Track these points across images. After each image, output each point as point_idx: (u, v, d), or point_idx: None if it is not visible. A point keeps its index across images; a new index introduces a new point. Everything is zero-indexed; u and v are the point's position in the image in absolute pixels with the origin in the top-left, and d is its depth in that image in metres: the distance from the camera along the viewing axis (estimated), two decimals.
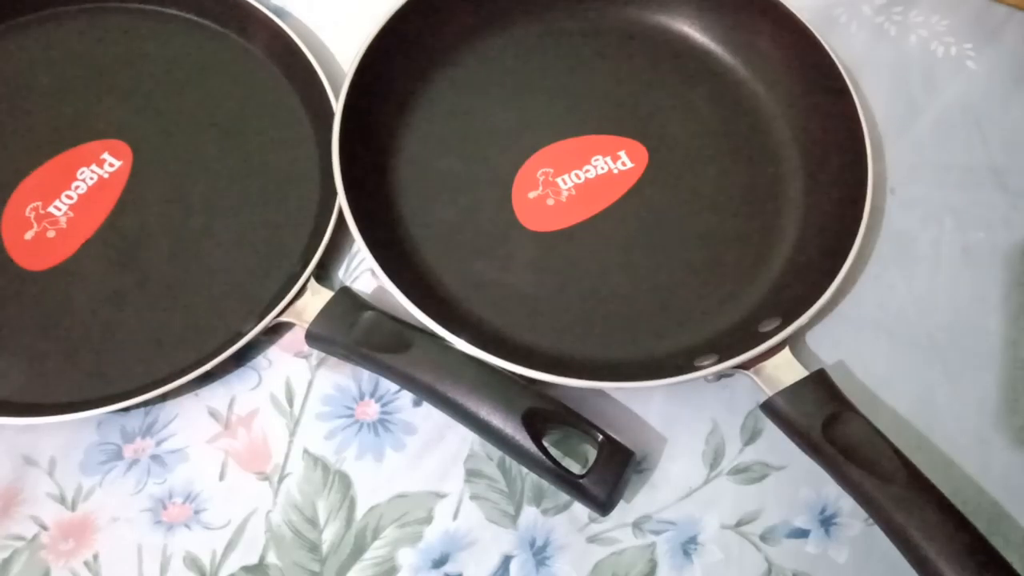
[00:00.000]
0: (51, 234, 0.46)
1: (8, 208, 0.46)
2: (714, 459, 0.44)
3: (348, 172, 0.44)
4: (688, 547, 0.42)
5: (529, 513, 0.42)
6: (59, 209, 0.46)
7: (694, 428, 0.44)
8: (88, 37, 0.51)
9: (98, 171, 0.47)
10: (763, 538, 0.42)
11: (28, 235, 0.46)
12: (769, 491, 0.43)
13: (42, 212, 0.46)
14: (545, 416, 0.41)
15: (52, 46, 0.51)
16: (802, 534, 0.42)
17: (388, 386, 0.45)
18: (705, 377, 0.41)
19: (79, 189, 0.47)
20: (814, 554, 0.42)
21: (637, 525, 0.42)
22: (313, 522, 0.42)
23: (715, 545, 0.42)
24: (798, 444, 0.41)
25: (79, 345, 0.44)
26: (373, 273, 0.45)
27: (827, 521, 0.42)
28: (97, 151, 0.48)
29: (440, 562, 0.41)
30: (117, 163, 0.48)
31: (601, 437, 0.41)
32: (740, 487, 0.43)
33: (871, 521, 0.40)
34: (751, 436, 0.44)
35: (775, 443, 0.43)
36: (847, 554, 0.42)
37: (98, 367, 0.44)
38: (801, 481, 0.43)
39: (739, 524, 0.42)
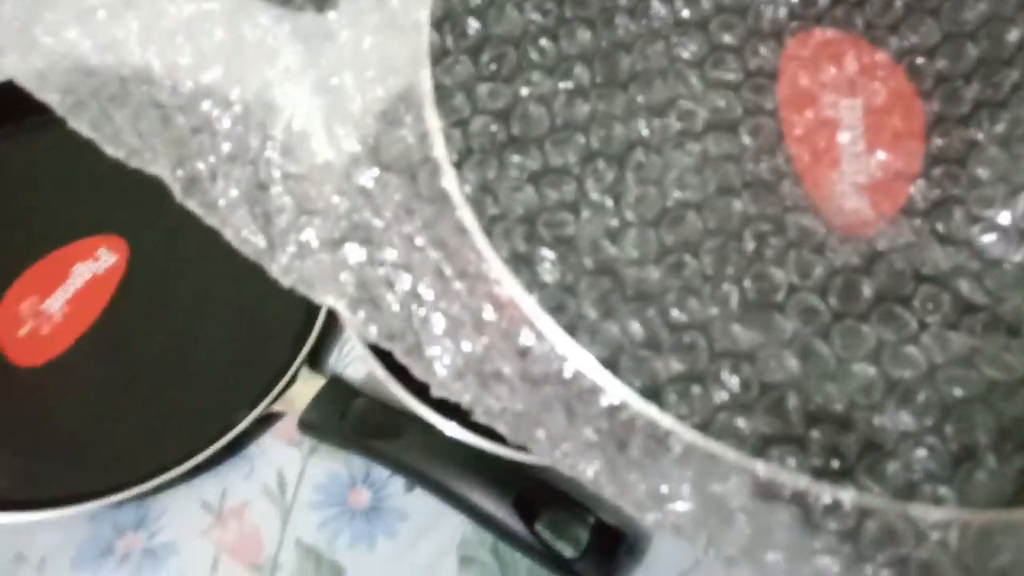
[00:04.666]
0: (45, 330, 0.47)
1: (3, 305, 0.47)
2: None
3: None
4: None
5: None
6: (54, 305, 0.47)
7: None
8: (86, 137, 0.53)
9: (93, 267, 0.48)
10: None
11: (22, 332, 0.46)
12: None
13: (37, 308, 0.47)
14: (537, 499, 0.41)
15: (51, 145, 0.52)
16: None
17: (379, 472, 0.45)
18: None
19: (75, 285, 0.48)
20: None
21: None
22: None
23: None
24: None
25: (72, 440, 0.44)
26: (364, 360, 0.46)
27: None
28: (93, 247, 0.49)
29: None
30: (112, 258, 0.49)
31: (593, 520, 0.41)
32: (733, 568, 0.43)
33: None
34: None
35: None
36: None
37: (91, 461, 0.44)
38: None
39: None
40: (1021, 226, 0.33)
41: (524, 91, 0.34)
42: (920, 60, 0.35)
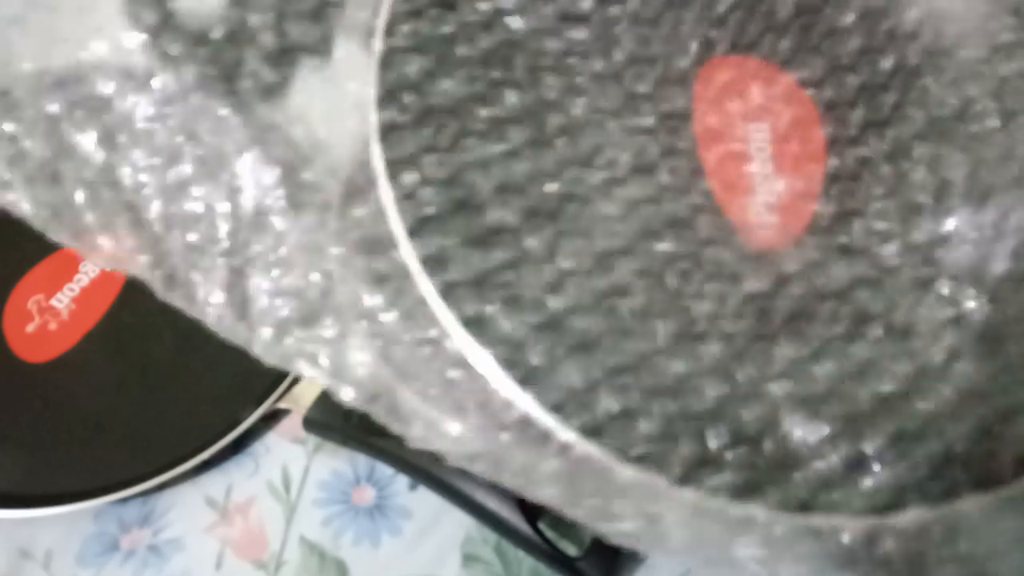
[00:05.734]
0: (52, 326, 0.47)
1: (10, 302, 0.47)
2: None
3: None
4: None
5: None
6: (61, 302, 0.48)
7: None
8: None
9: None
10: None
11: (30, 328, 0.47)
12: None
13: (44, 305, 0.47)
14: None
15: None
16: None
17: (384, 470, 0.45)
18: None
19: (82, 282, 0.48)
20: None
21: None
22: None
23: None
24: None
25: (78, 436, 0.45)
26: None
27: None
28: None
29: None
30: None
31: None
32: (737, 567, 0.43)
33: None
34: None
35: None
36: None
37: (97, 458, 0.44)
38: None
39: None
40: (913, 232, 0.37)
41: (466, 157, 0.36)
42: (810, 91, 0.39)
